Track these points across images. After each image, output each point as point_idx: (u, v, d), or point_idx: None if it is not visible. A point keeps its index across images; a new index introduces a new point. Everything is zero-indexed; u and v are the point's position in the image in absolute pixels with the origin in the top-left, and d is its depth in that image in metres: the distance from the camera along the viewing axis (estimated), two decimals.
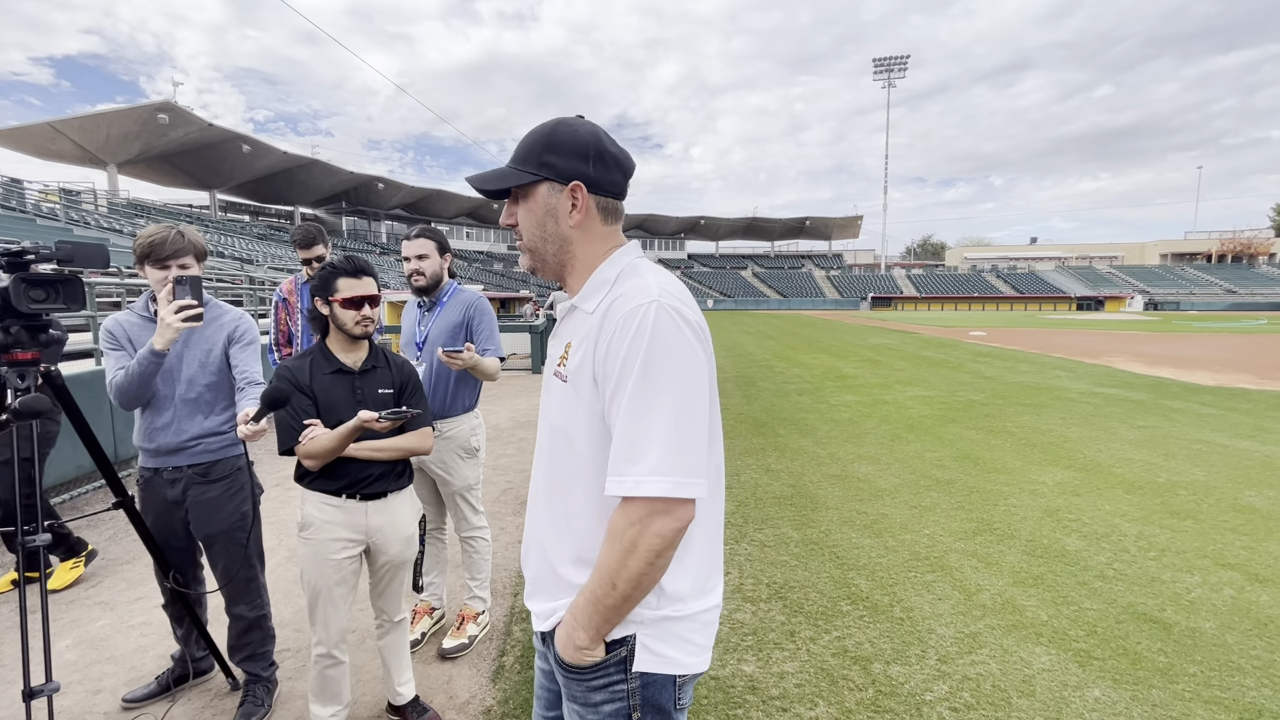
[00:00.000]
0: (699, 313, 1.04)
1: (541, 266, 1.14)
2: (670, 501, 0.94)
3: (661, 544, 0.96)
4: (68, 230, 20.45)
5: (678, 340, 0.97)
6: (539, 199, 1.09)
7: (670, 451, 0.94)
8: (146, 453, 2.26)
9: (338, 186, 56.45)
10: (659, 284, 1.02)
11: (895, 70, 79.76)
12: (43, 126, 36.54)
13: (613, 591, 0.98)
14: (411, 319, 2.87)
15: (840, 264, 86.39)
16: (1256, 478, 5.20)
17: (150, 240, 2.12)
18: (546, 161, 1.07)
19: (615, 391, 0.98)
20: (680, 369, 0.96)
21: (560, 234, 1.10)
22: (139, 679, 2.56)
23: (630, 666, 1.04)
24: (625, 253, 1.13)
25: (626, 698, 1.05)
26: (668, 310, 0.98)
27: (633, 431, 0.95)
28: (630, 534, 0.96)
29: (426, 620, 2.93)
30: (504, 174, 1.10)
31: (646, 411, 0.95)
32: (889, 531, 4.10)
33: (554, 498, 1.12)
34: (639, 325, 0.96)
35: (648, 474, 0.94)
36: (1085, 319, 39.13)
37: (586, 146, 1.07)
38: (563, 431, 1.08)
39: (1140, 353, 15.93)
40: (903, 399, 9.15)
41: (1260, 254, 72.91)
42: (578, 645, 1.03)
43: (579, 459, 1.06)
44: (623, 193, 1.14)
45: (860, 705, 2.37)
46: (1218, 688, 2.47)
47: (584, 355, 1.04)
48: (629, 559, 0.96)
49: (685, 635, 1.06)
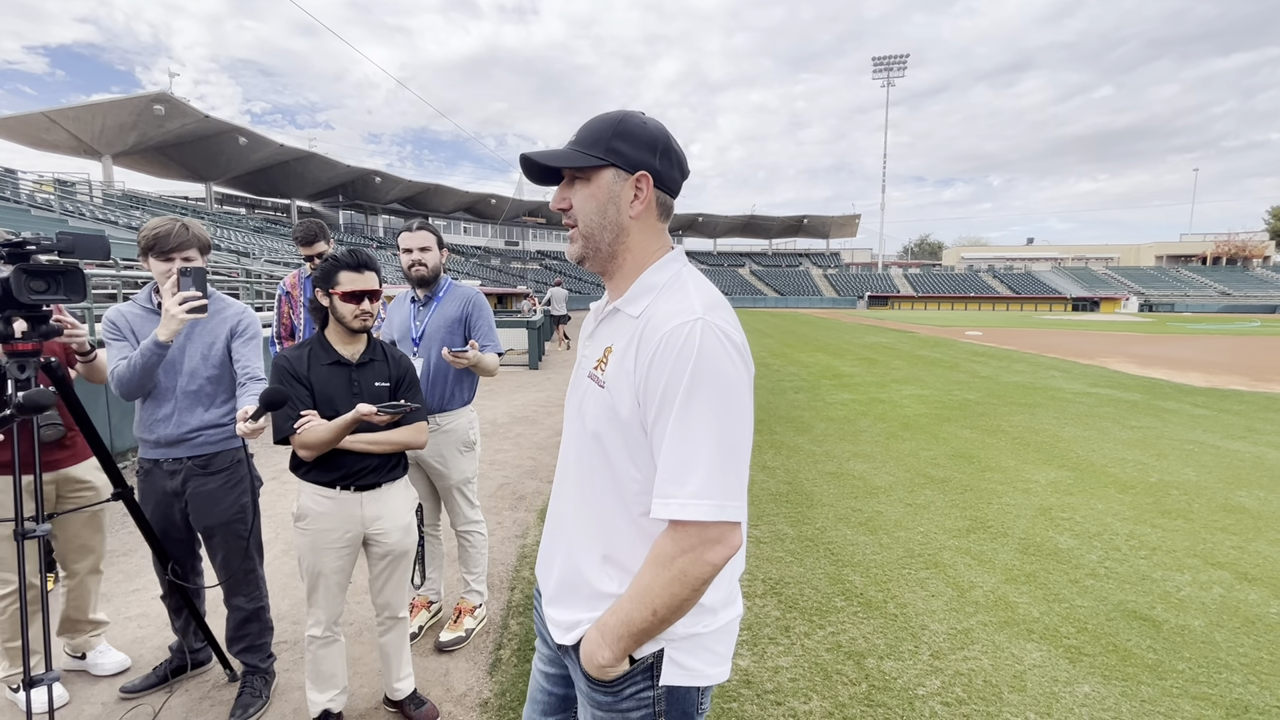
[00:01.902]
0: (742, 332, 1.03)
1: (594, 255, 1.12)
2: (723, 528, 0.94)
3: (712, 573, 0.95)
4: (62, 221, 20.30)
5: (724, 361, 0.96)
6: (603, 184, 1.07)
7: (715, 475, 0.93)
8: (146, 444, 2.27)
9: (335, 180, 56.17)
10: (704, 302, 1.01)
11: (895, 69, 79.70)
12: (37, 116, 36.20)
13: (651, 618, 0.97)
14: (404, 313, 2.86)
15: (838, 263, 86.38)
16: (1247, 478, 5.25)
17: (155, 232, 2.13)
18: (615, 148, 1.06)
19: (660, 412, 0.97)
20: (726, 391, 0.95)
21: (619, 222, 1.09)
22: (137, 670, 2.57)
23: (657, 678, 1.05)
24: (674, 259, 1.12)
25: (653, 704, 1.06)
26: (713, 329, 0.96)
27: (679, 453, 0.94)
28: (681, 562, 0.94)
29: (424, 614, 2.94)
30: (569, 155, 1.08)
31: (691, 432, 0.94)
32: (883, 529, 4.13)
33: (584, 503, 1.11)
34: (684, 345, 0.95)
35: (692, 497, 0.93)
36: (1080, 320, 39.28)
37: (656, 140, 1.07)
38: (596, 437, 1.06)
39: (1134, 354, 16.01)
40: (898, 398, 9.19)
41: (1255, 256, 73.21)
42: (600, 664, 1.03)
43: (613, 465, 1.05)
44: (678, 192, 1.14)
45: (854, 700, 2.40)
46: (1205, 684, 2.50)
47: (625, 364, 1.02)
48: (675, 587, 0.95)
49: (710, 647, 1.07)
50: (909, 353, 16.02)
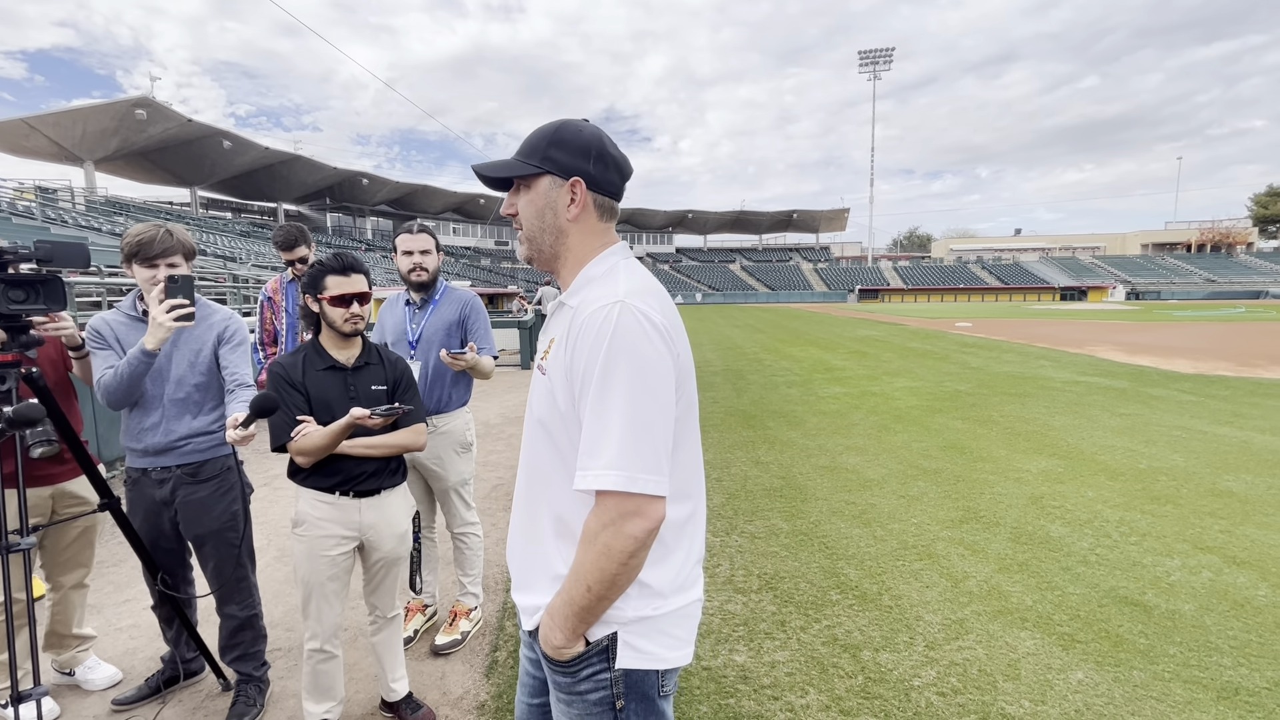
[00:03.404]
0: (669, 315, 1.07)
1: (538, 256, 1.19)
2: (639, 500, 0.97)
3: (635, 545, 0.98)
4: (44, 229, 20.04)
5: (639, 339, 1.00)
6: (540, 191, 1.14)
7: (626, 447, 0.96)
8: (134, 453, 2.24)
9: (321, 182, 55.76)
10: (628, 287, 1.06)
11: (881, 63, 79.94)
12: (16, 123, 35.71)
13: (587, 594, 1.01)
14: (399, 316, 2.84)
15: (828, 257, 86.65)
16: (1234, 463, 5.32)
17: (138, 239, 2.10)
18: (550, 156, 1.12)
19: (582, 389, 1.02)
20: (640, 367, 0.99)
21: (557, 226, 1.15)
22: (129, 681, 2.54)
23: (612, 660, 1.07)
24: (613, 253, 1.17)
25: (610, 685, 1.08)
26: (631, 310, 1.01)
27: (594, 427, 0.99)
28: (604, 537, 0.98)
29: (419, 617, 2.93)
30: (509, 165, 1.15)
31: (605, 408, 0.98)
32: (877, 521, 4.15)
33: (534, 489, 1.16)
34: (601, 324, 1.00)
35: (604, 468, 0.96)
36: (1068, 309, 39.63)
37: (589, 146, 1.12)
38: (542, 424, 1.12)
39: (1122, 342, 16.17)
40: (890, 390, 9.23)
41: (1238, 243, 74.04)
42: (554, 645, 1.07)
43: (558, 451, 1.09)
44: (619, 194, 1.19)
45: (850, 692, 2.41)
46: (1196, 668, 2.53)
47: (559, 351, 1.08)
48: (602, 561, 0.98)
49: (666, 630, 1.09)
50: (900, 345, 16.11)
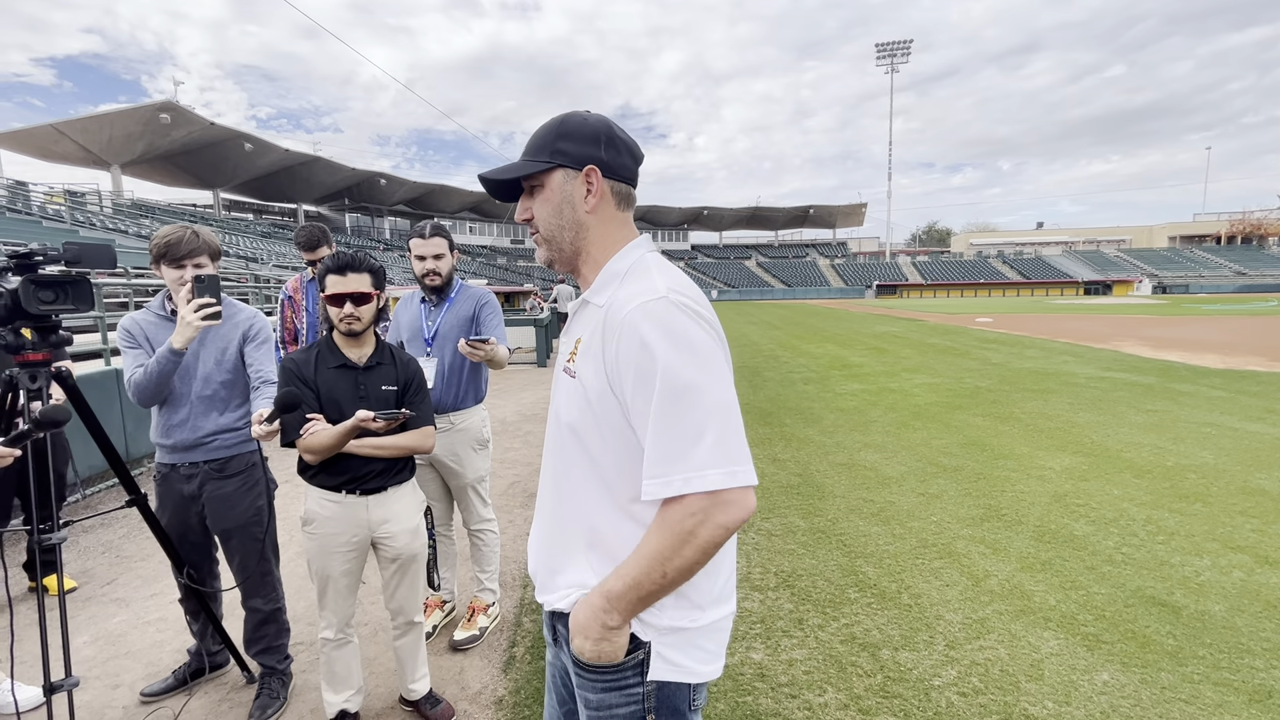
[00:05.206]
0: (712, 311, 1.03)
1: (558, 256, 1.14)
2: (734, 492, 0.92)
3: (723, 535, 0.93)
4: (73, 232, 20.54)
5: (698, 333, 0.96)
6: (554, 187, 1.09)
7: (719, 442, 0.92)
8: (163, 449, 2.30)
9: (340, 183, 56.46)
10: (669, 283, 1.01)
11: (899, 55, 78.92)
12: (45, 128, 36.63)
13: (661, 579, 0.96)
14: (414, 314, 2.86)
15: (845, 252, 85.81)
16: (1267, 460, 5.17)
17: (165, 240, 2.16)
18: (560, 149, 1.08)
19: (637, 393, 0.95)
20: (706, 360, 0.95)
21: (577, 220, 1.10)
22: (156, 674, 2.60)
23: (646, 673, 1.04)
24: (637, 246, 1.12)
25: (642, 700, 1.05)
26: (681, 306, 0.97)
27: (671, 430, 0.92)
28: (689, 523, 0.93)
29: (438, 613, 2.96)
30: (517, 165, 1.10)
31: (681, 407, 0.92)
32: (896, 519, 4.11)
33: (563, 495, 1.11)
34: (653, 322, 0.95)
35: (699, 469, 0.91)
36: (1092, 304, 38.83)
37: (598, 133, 1.08)
38: (572, 429, 1.06)
39: (1148, 336, 15.81)
40: (909, 387, 9.13)
41: (1270, 234, 72.01)
42: (607, 625, 1.00)
43: (591, 459, 1.05)
44: (634, 178, 1.14)
45: (869, 691, 2.39)
46: (1227, 670, 2.47)
47: (591, 352, 1.03)
48: (684, 547, 0.93)
49: (699, 644, 1.06)
50: (919, 341, 15.91)
